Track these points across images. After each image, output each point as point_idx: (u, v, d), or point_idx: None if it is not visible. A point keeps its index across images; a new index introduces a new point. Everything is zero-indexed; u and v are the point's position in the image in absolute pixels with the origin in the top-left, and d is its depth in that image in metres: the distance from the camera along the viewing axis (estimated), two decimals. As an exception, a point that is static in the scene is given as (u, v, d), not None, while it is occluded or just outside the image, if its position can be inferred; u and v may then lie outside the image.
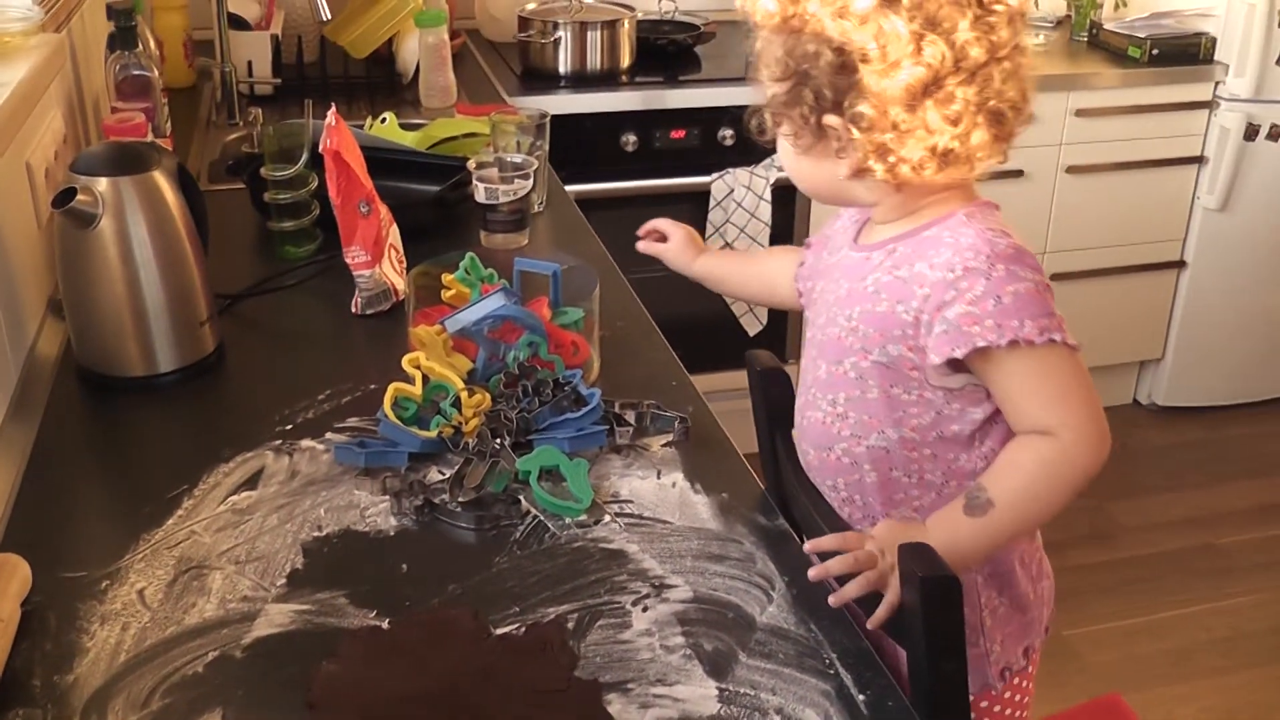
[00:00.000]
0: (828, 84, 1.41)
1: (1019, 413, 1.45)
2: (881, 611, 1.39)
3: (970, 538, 1.43)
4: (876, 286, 1.50)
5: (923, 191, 1.49)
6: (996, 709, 1.67)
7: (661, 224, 1.99)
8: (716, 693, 1.25)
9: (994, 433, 1.51)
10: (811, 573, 1.40)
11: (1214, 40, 3.92)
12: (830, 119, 1.44)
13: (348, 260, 1.98)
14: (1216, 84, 3.94)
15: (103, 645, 1.29)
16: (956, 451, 1.52)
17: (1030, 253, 1.44)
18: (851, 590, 1.38)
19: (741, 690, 1.26)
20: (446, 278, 1.88)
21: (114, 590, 1.37)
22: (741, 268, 1.96)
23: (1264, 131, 3.96)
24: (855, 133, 1.42)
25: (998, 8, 1.41)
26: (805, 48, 1.42)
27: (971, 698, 1.58)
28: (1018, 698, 1.69)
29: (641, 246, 2.00)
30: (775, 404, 1.70)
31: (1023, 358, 1.40)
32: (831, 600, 1.37)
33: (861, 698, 1.26)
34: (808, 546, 1.45)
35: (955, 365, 1.44)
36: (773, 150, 3.42)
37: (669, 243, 1.97)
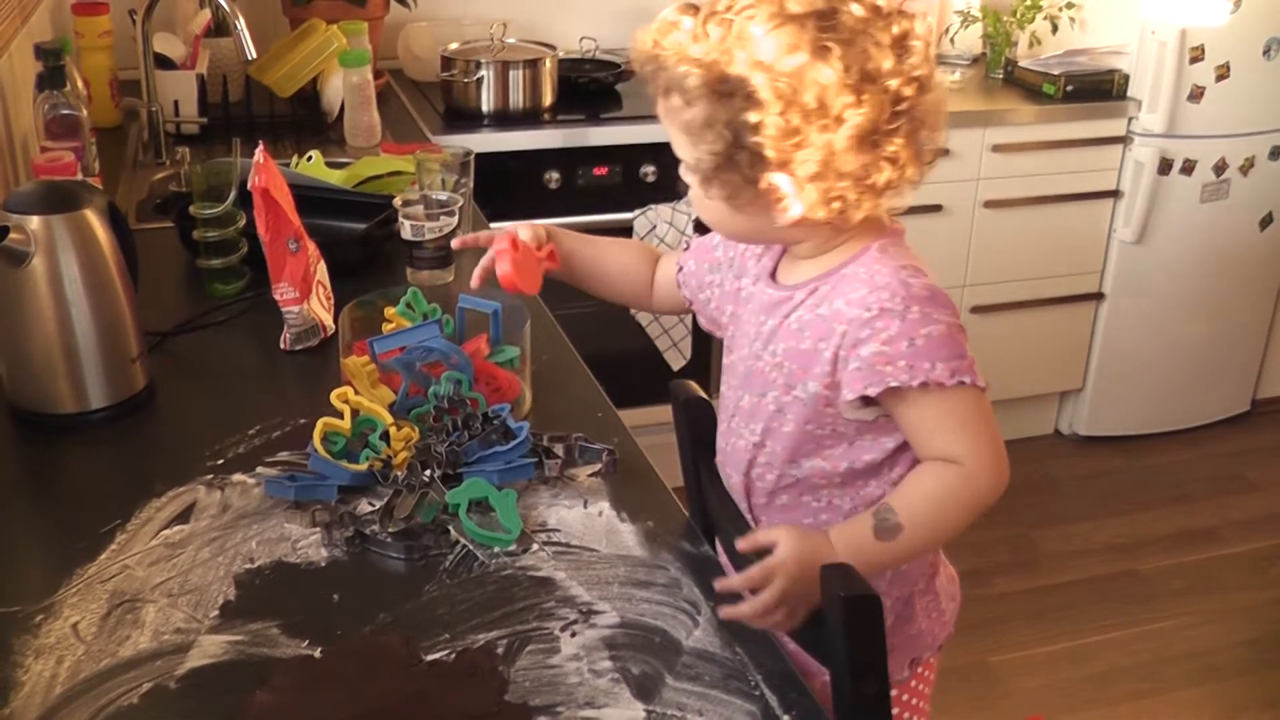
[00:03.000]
0: (770, 146, 1.38)
1: (925, 444, 1.48)
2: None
3: (874, 558, 1.46)
4: (800, 324, 1.52)
5: (846, 226, 1.50)
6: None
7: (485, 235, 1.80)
8: (644, 715, 1.28)
9: (902, 460, 1.53)
10: (723, 613, 1.42)
11: (1126, 77, 4.00)
12: (771, 176, 1.41)
13: (276, 297, 2.00)
14: (1130, 119, 4.02)
15: (37, 679, 1.30)
16: (866, 479, 1.55)
17: (943, 292, 1.46)
18: (744, 611, 1.41)
19: (669, 712, 1.28)
20: (388, 311, 1.90)
21: (48, 624, 1.38)
22: (587, 250, 1.84)
23: (1177, 165, 4.04)
24: (802, 188, 1.41)
25: (914, 44, 1.42)
26: (742, 116, 1.38)
27: None
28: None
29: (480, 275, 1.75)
30: (699, 433, 1.72)
31: (933, 397, 1.42)
32: (722, 614, 1.41)
33: (786, 718, 1.29)
34: (718, 586, 1.46)
35: (867, 400, 1.46)
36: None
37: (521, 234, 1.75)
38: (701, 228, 3.56)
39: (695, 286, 1.74)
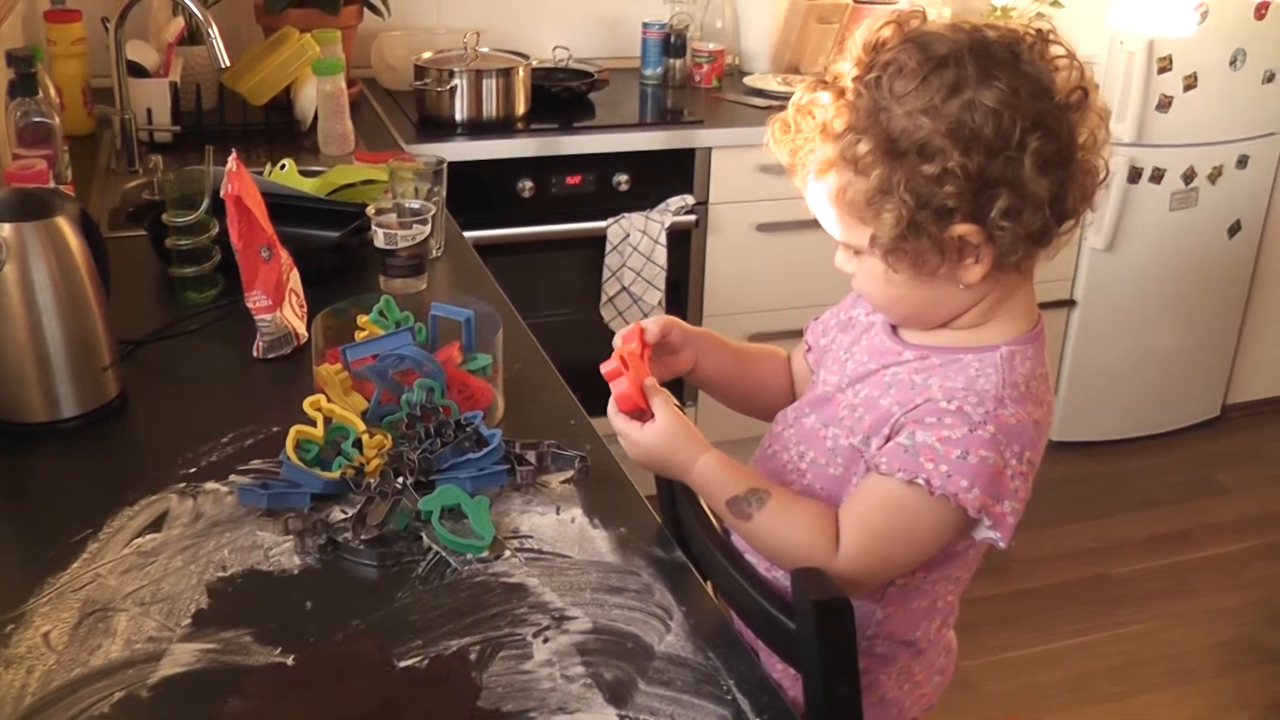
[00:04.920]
0: (956, 196, 1.33)
1: (850, 504, 1.46)
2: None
3: (712, 507, 1.51)
4: (893, 381, 1.49)
5: (1007, 292, 1.46)
6: None
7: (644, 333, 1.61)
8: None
9: (936, 560, 1.52)
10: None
11: (1096, 86, 4.00)
12: (960, 229, 1.36)
13: (249, 305, 2.00)
14: (1100, 128, 4.03)
15: (8, 689, 1.29)
16: None
17: (1032, 431, 1.41)
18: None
19: (641, 717, 1.29)
20: (361, 319, 1.90)
21: (18, 634, 1.37)
22: (736, 366, 1.76)
23: (1147, 174, 4.07)
24: (993, 232, 1.35)
25: (1060, 55, 1.39)
26: (922, 172, 1.33)
27: None
28: None
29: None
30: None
31: (922, 499, 1.40)
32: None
33: (757, 722, 1.30)
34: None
35: None
36: (666, 195, 3.46)
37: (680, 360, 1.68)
38: (673, 237, 3.59)
39: (820, 331, 1.70)
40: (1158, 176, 4.10)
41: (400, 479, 1.62)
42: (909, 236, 1.36)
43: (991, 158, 1.32)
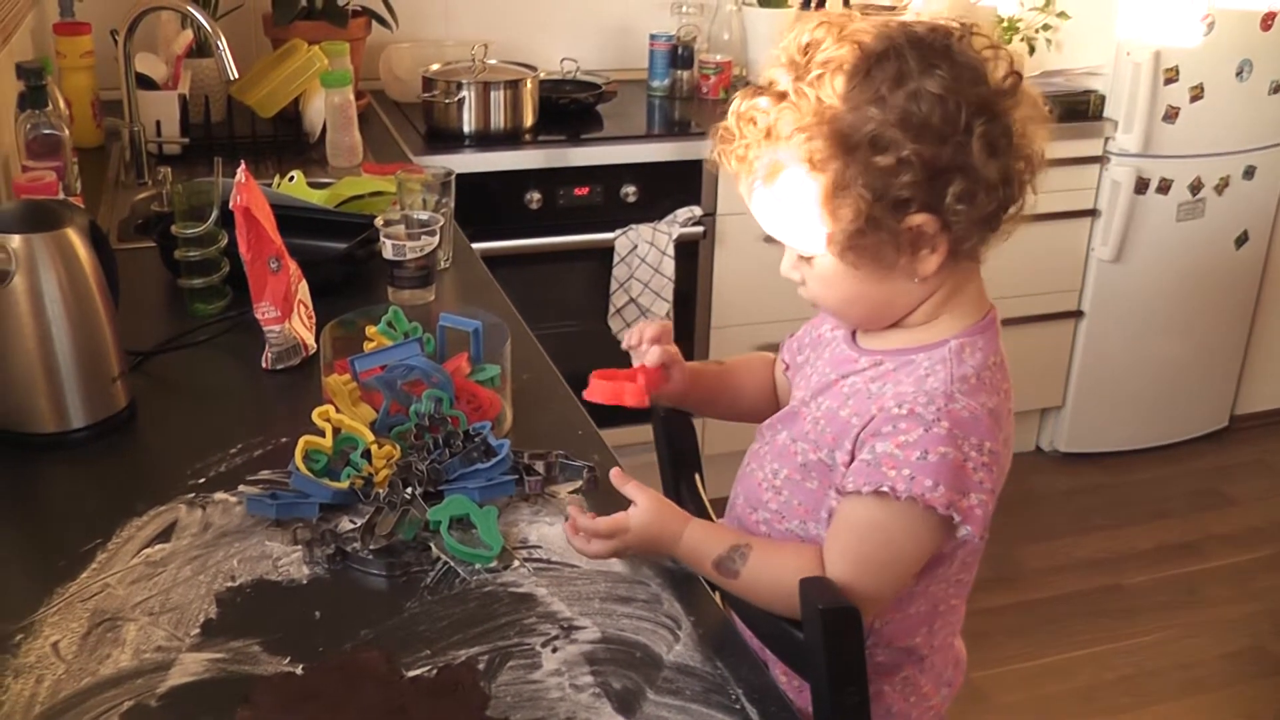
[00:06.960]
0: (912, 184, 1.34)
1: (834, 539, 1.45)
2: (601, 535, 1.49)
3: (703, 574, 1.49)
4: (850, 391, 1.49)
5: (958, 284, 1.47)
6: None
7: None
8: (625, 729, 1.28)
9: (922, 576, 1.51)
10: (567, 528, 1.52)
11: (1102, 98, 4.02)
12: (917, 219, 1.37)
13: (258, 316, 2.00)
14: (1106, 140, 4.04)
15: (16, 698, 1.30)
16: None
17: (987, 420, 1.41)
18: (579, 545, 1.51)
19: (649, 726, 1.29)
20: (370, 330, 1.90)
21: (28, 643, 1.38)
22: (717, 369, 1.81)
23: (1154, 185, 4.07)
24: (950, 218, 1.36)
25: (985, 46, 1.39)
26: (877, 165, 1.33)
27: None
28: None
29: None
30: (679, 448, 1.73)
31: (893, 509, 1.39)
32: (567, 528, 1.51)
33: (766, 731, 1.30)
34: (567, 523, 1.53)
35: None
36: (673, 206, 3.45)
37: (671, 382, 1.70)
38: (680, 249, 3.60)
39: (796, 349, 1.70)
40: (1165, 187, 4.09)
41: (409, 489, 1.62)
42: (867, 231, 1.37)
43: (942, 144, 1.33)
